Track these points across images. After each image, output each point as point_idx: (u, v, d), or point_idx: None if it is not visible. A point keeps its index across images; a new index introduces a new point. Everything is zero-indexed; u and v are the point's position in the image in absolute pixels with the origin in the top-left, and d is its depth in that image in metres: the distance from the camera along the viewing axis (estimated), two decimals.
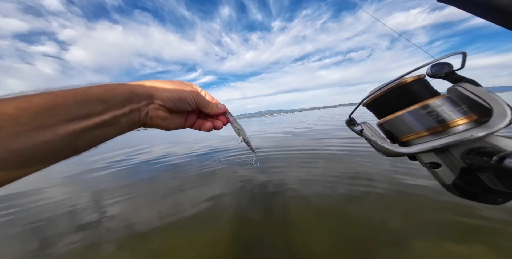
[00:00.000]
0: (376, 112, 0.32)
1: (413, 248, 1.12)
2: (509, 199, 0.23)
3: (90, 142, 0.24)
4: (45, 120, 0.20)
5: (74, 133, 0.22)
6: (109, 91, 0.25)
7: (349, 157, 3.14)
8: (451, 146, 0.24)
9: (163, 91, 0.30)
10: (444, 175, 0.26)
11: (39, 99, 0.20)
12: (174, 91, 0.31)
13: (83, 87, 0.24)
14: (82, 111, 0.22)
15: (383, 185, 1.99)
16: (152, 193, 2.54)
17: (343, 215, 1.53)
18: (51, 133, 0.20)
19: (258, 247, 1.29)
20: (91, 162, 5.67)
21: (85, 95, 0.23)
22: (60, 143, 0.21)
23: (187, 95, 0.32)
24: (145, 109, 0.29)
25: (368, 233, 1.30)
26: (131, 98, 0.27)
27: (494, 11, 0.24)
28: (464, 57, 0.23)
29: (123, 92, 0.26)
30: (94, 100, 0.23)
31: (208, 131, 0.40)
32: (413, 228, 1.28)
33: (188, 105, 0.33)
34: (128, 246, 1.47)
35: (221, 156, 4.26)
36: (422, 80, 0.28)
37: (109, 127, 0.25)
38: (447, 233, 1.21)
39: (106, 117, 0.24)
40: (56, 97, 0.21)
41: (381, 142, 0.29)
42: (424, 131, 0.26)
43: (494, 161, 0.19)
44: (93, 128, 0.23)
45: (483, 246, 1.07)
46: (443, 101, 0.25)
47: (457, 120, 0.24)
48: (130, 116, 0.27)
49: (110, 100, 0.25)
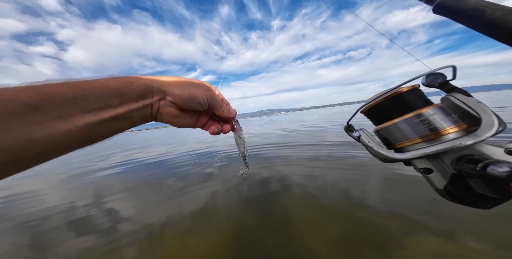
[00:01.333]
0: (373, 119, 0.34)
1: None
2: (496, 204, 0.24)
3: (104, 133, 0.25)
4: (64, 111, 0.21)
5: (91, 124, 0.23)
6: (126, 86, 0.26)
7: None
8: (442, 153, 0.25)
9: (176, 87, 0.30)
10: (436, 181, 0.27)
11: (60, 89, 0.21)
12: (187, 89, 0.30)
13: (103, 79, 0.24)
14: (99, 104, 0.23)
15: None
16: (154, 193, 2.56)
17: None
18: (69, 124, 0.21)
19: (258, 247, 1.30)
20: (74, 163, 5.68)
21: (104, 88, 0.24)
22: (77, 134, 0.22)
23: (199, 95, 0.31)
24: (157, 104, 0.29)
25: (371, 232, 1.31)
26: (145, 94, 0.28)
27: (487, 25, 0.26)
28: (455, 70, 0.25)
29: (138, 87, 0.27)
30: (111, 93, 0.24)
31: (215, 135, 0.39)
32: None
33: (200, 105, 0.32)
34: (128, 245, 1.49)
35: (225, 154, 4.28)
36: (417, 90, 0.29)
37: (123, 120, 0.26)
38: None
39: (121, 111, 0.25)
40: (76, 89, 0.22)
41: (377, 148, 0.30)
42: (418, 138, 0.27)
43: (479, 168, 0.21)
44: (109, 120, 0.24)
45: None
46: (435, 111, 0.26)
47: (448, 129, 0.25)
48: (143, 110, 0.28)
49: (126, 94, 0.25)
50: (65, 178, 4.07)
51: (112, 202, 2.40)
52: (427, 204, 1.50)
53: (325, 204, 1.74)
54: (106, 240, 1.59)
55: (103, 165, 5.04)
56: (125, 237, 1.59)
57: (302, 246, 1.25)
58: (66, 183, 3.67)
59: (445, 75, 0.27)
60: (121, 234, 1.65)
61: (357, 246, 1.21)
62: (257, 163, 3.24)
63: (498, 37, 0.25)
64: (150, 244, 1.46)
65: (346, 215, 1.55)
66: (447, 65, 0.24)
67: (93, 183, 3.42)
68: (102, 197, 2.62)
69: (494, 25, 0.25)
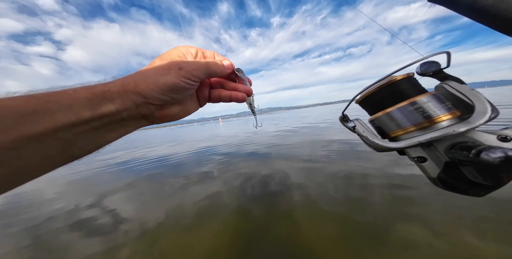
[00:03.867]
0: (368, 109, 0.34)
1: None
2: (489, 191, 0.24)
3: (86, 147, 0.22)
4: (22, 127, 0.17)
5: (64, 140, 0.20)
6: (97, 96, 0.22)
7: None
8: (435, 141, 0.25)
9: (150, 89, 0.24)
10: (430, 169, 0.27)
11: (15, 103, 0.18)
12: (158, 83, 0.24)
13: (69, 90, 0.21)
14: (68, 117, 0.20)
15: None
16: (155, 191, 2.60)
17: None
18: (32, 141, 0.18)
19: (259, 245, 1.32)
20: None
21: (72, 99, 0.20)
22: (46, 152, 0.19)
23: (175, 81, 0.24)
24: (147, 111, 0.25)
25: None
26: (124, 103, 0.23)
27: (480, 12, 0.25)
28: (449, 56, 0.24)
29: (112, 96, 0.22)
30: (81, 105, 0.20)
31: (232, 101, 0.33)
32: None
33: (186, 90, 0.26)
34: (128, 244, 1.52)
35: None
36: (411, 78, 0.29)
37: (108, 131, 0.23)
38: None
39: (97, 124, 0.22)
40: (38, 101, 0.19)
41: (372, 137, 0.30)
42: (411, 126, 0.27)
43: (472, 155, 0.21)
44: (86, 132, 0.21)
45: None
46: (429, 98, 0.26)
47: (442, 116, 0.25)
48: (129, 121, 0.25)
49: (98, 106, 0.21)
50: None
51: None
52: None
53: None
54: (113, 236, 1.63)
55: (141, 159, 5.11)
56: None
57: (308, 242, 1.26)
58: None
59: (439, 63, 0.27)
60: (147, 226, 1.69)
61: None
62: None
63: (490, 24, 0.25)
64: (152, 240, 1.49)
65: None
66: (441, 51, 0.24)
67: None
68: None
69: (487, 12, 0.24)
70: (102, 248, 1.46)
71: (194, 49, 0.30)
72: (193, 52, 0.30)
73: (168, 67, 0.25)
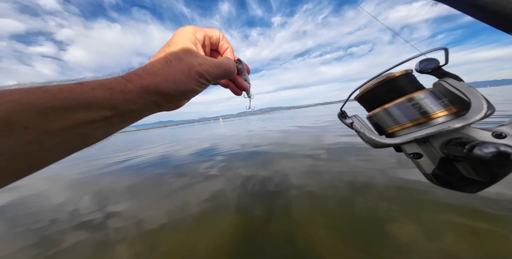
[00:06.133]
0: (366, 106, 0.34)
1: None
2: (483, 188, 0.24)
3: (102, 135, 0.23)
4: (42, 125, 0.18)
5: (82, 134, 0.21)
6: (119, 97, 0.22)
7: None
8: (431, 137, 0.25)
9: (173, 94, 0.26)
10: (425, 165, 0.27)
11: (32, 97, 0.18)
12: (183, 89, 0.26)
13: (86, 87, 0.21)
14: (90, 115, 0.20)
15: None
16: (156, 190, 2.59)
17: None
18: (54, 136, 0.18)
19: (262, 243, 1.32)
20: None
21: (91, 97, 0.20)
22: (70, 143, 0.20)
23: (196, 88, 0.27)
24: (164, 106, 0.27)
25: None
26: (144, 103, 0.24)
27: (480, 9, 0.25)
28: (447, 52, 0.24)
29: (134, 98, 0.23)
30: (101, 104, 0.21)
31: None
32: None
33: (198, 92, 0.28)
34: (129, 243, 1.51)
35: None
36: (409, 74, 0.29)
37: (124, 119, 0.24)
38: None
39: (117, 119, 0.23)
40: (54, 97, 0.18)
41: (369, 134, 0.30)
42: (408, 122, 0.27)
43: (466, 150, 0.21)
44: (104, 125, 0.22)
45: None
46: (426, 95, 0.26)
47: (438, 112, 0.25)
48: (147, 113, 0.26)
49: (120, 106, 0.22)
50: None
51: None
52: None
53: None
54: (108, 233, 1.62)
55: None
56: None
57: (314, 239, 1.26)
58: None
59: (438, 61, 0.27)
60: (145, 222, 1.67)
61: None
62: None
63: (490, 21, 0.25)
64: (152, 241, 1.49)
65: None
66: (439, 47, 0.24)
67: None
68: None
69: (486, 9, 0.24)
70: (102, 248, 1.45)
71: (201, 34, 0.31)
72: (201, 38, 0.31)
73: (188, 73, 0.26)
